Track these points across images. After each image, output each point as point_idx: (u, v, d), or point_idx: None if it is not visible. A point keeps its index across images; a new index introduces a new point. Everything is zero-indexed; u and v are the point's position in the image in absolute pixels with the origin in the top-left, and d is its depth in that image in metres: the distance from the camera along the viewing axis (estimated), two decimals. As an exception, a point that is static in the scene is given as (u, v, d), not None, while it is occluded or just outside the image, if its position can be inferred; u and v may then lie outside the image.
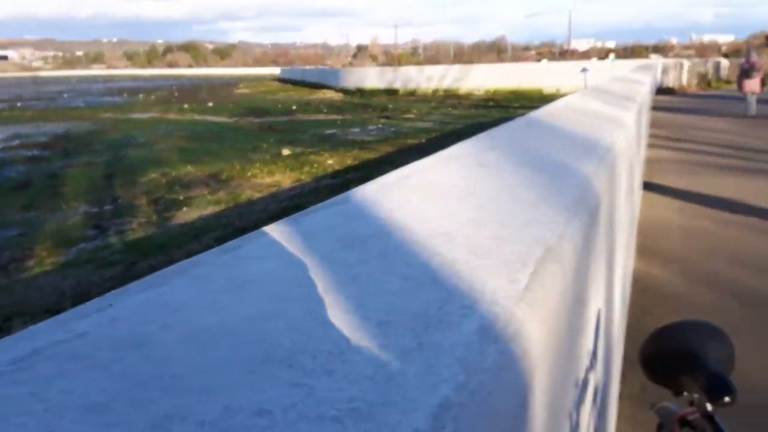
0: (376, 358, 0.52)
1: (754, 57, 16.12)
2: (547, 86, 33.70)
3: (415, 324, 0.60)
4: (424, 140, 15.40)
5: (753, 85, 15.60)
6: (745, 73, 15.79)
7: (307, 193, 9.41)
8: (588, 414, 1.35)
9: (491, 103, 28.66)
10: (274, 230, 0.83)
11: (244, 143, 16.21)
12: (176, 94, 44.54)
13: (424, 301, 0.65)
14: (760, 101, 16.14)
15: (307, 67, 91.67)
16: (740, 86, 15.87)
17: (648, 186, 7.77)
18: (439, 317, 0.62)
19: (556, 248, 0.90)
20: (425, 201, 1.01)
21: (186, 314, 0.58)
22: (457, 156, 1.44)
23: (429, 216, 0.93)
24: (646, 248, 5.33)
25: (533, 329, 0.67)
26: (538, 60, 64.45)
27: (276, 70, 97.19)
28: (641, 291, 4.36)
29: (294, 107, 29.60)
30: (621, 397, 2.91)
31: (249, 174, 11.34)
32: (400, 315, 0.61)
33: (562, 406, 0.92)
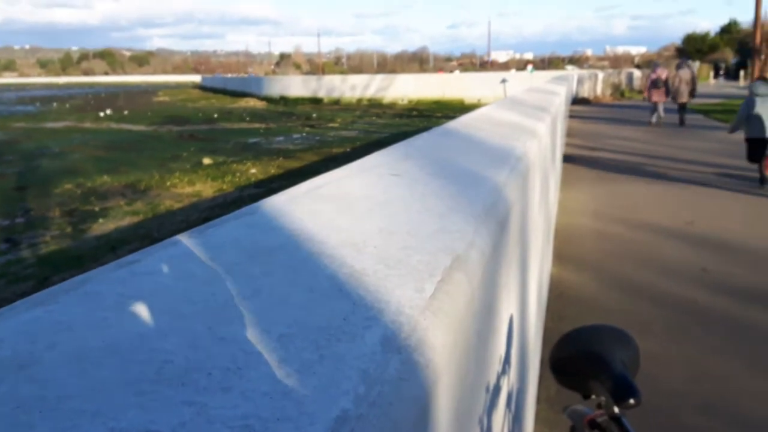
0: (274, 373, 0.51)
1: (661, 69, 17.25)
2: (469, 96, 34.45)
3: (318, 336, 0.59)
4: (349, 149, 15.43)
5: (659, 95, 16.73)
6: (653, 83, 16.84)
7: (230, 203, 9.25)
8: (502, 418, 1.37)
9: (415, 113, 29.01)
10: (176, 243, 0.81)
11: (164, 152, 15.82)
12: (92, 102, 43.07)
13: (329, 312, 0.64)
14: (666, 110, 17.33)
15: (229, 74, 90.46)
16: (648, 96, 16.99)
17: (564, 193, 8.03)
18: (343, 329, 0.62)
19: (463, 257, 0.91)
20: (336, 211, 1.01)
21: (74, 333, 0.56)
22: (371, 166, 1.44)
23: (339, 226, 0.93)
24: (562, 254, 5.50)
25: (437, 337, 0.67)
26: (451, 71, 65.85)
27: (197, 78, 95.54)
28: (558, 296, 4.49)
29: (215, 115, 29.11)
30: (539, 400, 2.98)
31: (168, 184, 11.06)
32: (302, 328, 0.60)
33: (471, 412, 0.93)
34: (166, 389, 0.48)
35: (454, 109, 27.58)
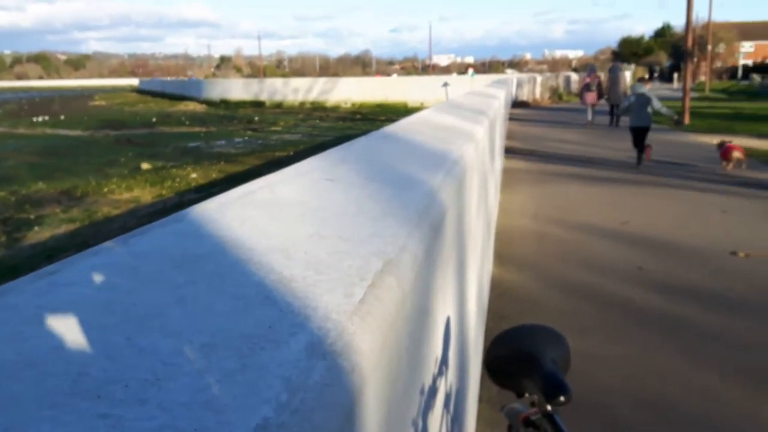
0: (194, 383, 0.51)
1: (594, 72, 18.19)
2: (412, 100, 34.71)
3: (241, 345, 0.59)
4: (292, 153, 15.33)
5: (592, 97, 17.95)
6: (587, 86, 18.13)
7: (169, 208, 9.07)
8: (439, 419, 1.39)
9: (358, 116, 29.05)
10: (98, 253, 0.79)
11: (100, 157, 15.43)
12: (26, 107, 41.66)
13: (254, 320, 0.64)
14: (598, 112, 18.32)
15: (168, 78, 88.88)
16: (582, 99, 17.91)
17: (505, 195, 8.17)
18: (268, 336, 0.61)
19: (395, 260, 0.92)
20: (267, 217, 1.00)
21: (-15, 348, 0.54)
22: (307, 170, 1.44)
23: (269, 232, 0.92)
24: (503, 255, 5.60)
25: (365, 342, 0.68)
26: (389, 75, 66.42)
27: (134, 81, 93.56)
28: (499, 296, 4.57)
29: (154, 119, 28.53)
30: (480, 400, 3.02)
31: (106, 190, 10.78)
32: (226, 336, 0.60)
33: (404, 414, 0.94)
34: (81, 402, 0.47)
35: (398, 112, 27.71)
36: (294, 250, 0.87)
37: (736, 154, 9.82)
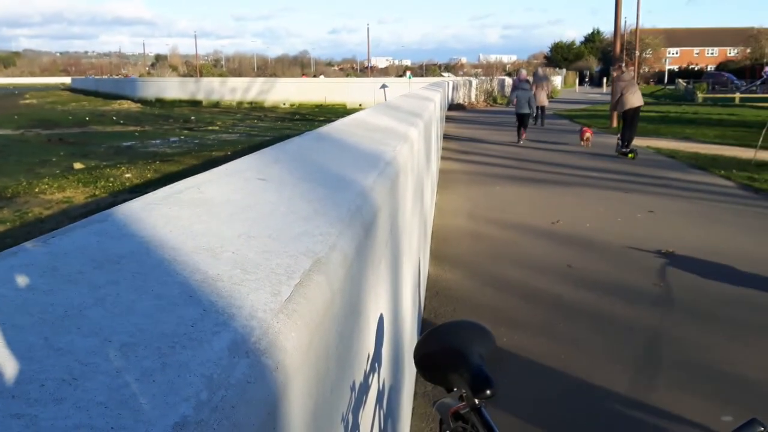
0: (112, 382, 0.51)
1: (523, 75, 19.00)
2: (351, 101, 34.77)
3: (162, 344, 0.58)
4: (230, 152, 15.12)
5: None
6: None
7: (103, 209, 8.75)
8: (371, 415, 1.40)
9: (297, 117, 28.89)
10: (17, 253, 0.77)
11: (32, 157, 14.88)
12: (-50, 105, 39.66)
13: (177, 319, 0.64)
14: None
15: (103, 76, 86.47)
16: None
17: (441, 195, 8.27)
18: (190, 335, 0.61)
19: (324, 259, 0.93)
20: (195, 217, 0.99)
21: None
22: (239, 170, 1.43)
23: (196, 232, 0.92)
24: (439, 254, 5.67)
25: (290, 340, 0.68)
26: (315, 76, 66.33)
27: (67, 80, 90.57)
28: (435, 294, 4.63)
29: (87, 118, 27.69)
30: (416, 395, 3.06)
31: (37, 190, 10.40)
32: (147, 336, 0.59)
33: (334, 411, 0.95)
34: (-7, 403, 0.46)
35: (337, 113, 27.69)
36: (221, 249, 0.87)
37: (587, 136, 13.72)
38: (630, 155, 11.79)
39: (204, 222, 0.97)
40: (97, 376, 0.51)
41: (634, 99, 12.17)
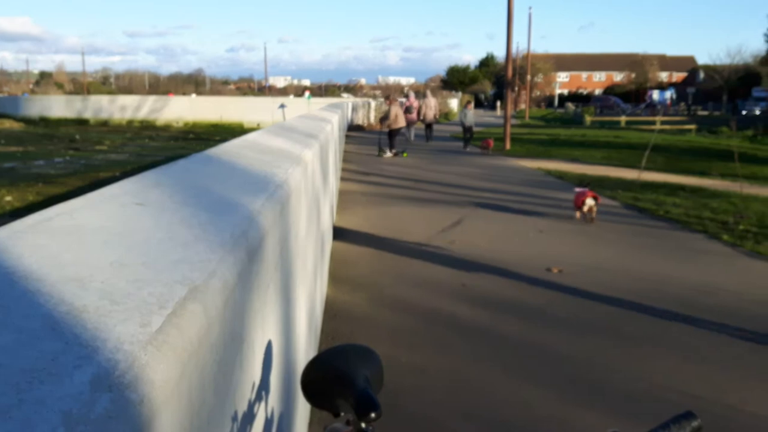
0: (-44, 425, 0.48)
1: (411, 97, 20.94)
2: (248, 120, 34.37)
3: (19, 380, 0.56)
4: (119, 173, 14.54)
5: (411, 118, 21.15)
6: (407, 110, 20.79)
7: (-25, 234, 8.22)
8: (258, 446, 1.38)
9: (192, 136, 28.22)
10: None
11: None
12: None
13: (37, 354, 0.61)
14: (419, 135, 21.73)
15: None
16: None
17: (340, 216, 8.30)
18: (50, 370, 0.59)
19: (202, 287, 0.91)
20: (63, 246, 0.95)
21: None
22: (115, 194, 1.38)
23: (63, 261, 0.88)
24: (337, 276, 5.67)
25: (158, 372, 0.66)
26: (185, 94, 64.59)
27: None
28: (333, 317, 4.61)
29: (-39, 137, 25.83)
30: (311, 422, 3.02)
31: None
32: (5, 371, 0.56)
33: (212, 444, 0.92)
34: None
35: (234, 132, 27.24)
36: (90, 279, 0.83)
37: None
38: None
39: (73, 251, 0.93)
40: (-61, 419, 0.48)
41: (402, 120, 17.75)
